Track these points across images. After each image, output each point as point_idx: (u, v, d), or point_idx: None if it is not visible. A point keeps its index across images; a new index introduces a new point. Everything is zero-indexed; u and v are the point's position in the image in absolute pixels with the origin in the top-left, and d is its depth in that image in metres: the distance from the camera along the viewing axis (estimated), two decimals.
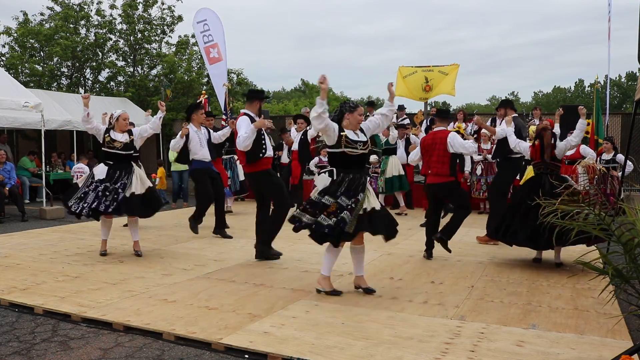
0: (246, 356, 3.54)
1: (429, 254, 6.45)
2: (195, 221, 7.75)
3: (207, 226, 8.91)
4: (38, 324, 4.18)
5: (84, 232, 8.50)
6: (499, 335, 3.81)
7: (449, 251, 6.39)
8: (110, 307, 4.44)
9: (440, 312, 4.35)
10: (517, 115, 7.44)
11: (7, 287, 5.07)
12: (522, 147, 6.47)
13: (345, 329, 3.92)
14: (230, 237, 7.83)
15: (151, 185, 6.62)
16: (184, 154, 7.73)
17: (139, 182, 6.32)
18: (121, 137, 6.42)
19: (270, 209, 6.40)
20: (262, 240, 6.31)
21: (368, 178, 4.87)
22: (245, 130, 5.90)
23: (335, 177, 4.68)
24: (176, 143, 7.54)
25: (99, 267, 5.94)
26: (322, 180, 4.73)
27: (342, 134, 4.73)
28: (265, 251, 6.29)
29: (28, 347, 3.69)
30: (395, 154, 10.52)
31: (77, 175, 11.17)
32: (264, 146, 6.13)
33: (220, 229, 8.01)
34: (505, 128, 6.62)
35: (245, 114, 6.18)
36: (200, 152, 7.73)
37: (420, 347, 3.58)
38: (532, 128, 8.75)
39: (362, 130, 4.90)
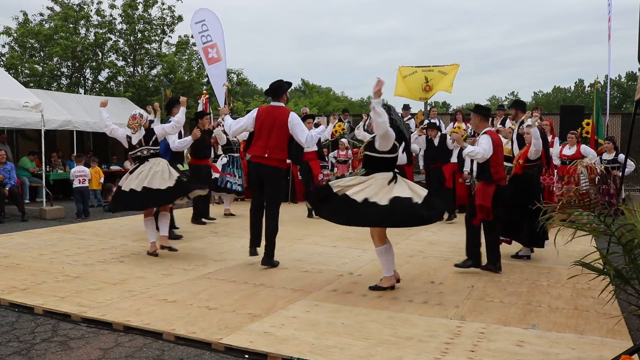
0: (246, 356, 3.54)
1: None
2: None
3: (207, 226, 8.92)
4: (38, 324, 4.18)
5: (84, 232, 8.50)
6: (499, 335, 3.81)
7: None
8: (110, 307, 4.44)
9: (440, 312, 4.35)
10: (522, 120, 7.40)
11: (7, 287, 5.07)
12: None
13: (345, 329, 3.92)
14: (180, 237, 7.69)
15: None
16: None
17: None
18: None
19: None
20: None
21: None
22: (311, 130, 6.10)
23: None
24: (185, 145, 7.56)
25: (99, 267, 5.94)
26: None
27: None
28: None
29: (28, 347, 3.69)
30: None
31: (78, 179, 10.51)
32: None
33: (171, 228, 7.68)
34: (533, 132, 6.35)
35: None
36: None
37: (420, 347, 3.58)
38: (512, 127, 8.58)
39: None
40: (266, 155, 5.77)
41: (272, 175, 5.85)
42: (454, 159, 10.28)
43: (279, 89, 6.01)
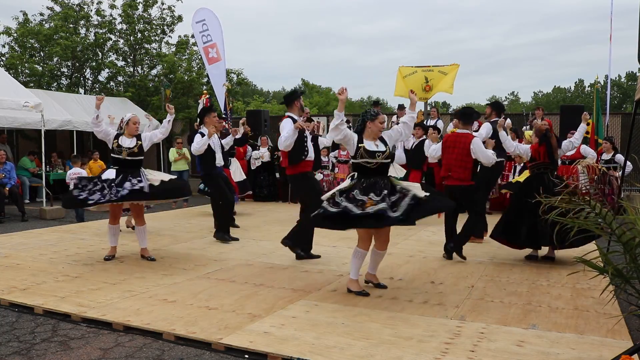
0: (246, 356, 3.54)
1: (449, 255, 6.42)
2: (224, 233, 7.58)
3: (207, 226, 8.91)
4: (38, 324, 4.18)
5: (84, 232, 8.49)
6: (499, 335, 3.81)
7: (464, 258, 6.28)
8: (110, 307, 4.44)
9: (440, 312, 4.35)
10: (495, 120, 7.44)
11: (7, 287, 5.07)
12: (522, 149, 6.47)
13: (345, 329, 3.92)
14: (237, 239, 7.64)
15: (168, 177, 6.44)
16: (210, 160, 7.58)
17: (151, 176, 6.21)
18: (129, 143, 6.19)
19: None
20: (300, 244, 6.36)
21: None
22: (287, 131, 5.96)
23: (356, 181, 4.74)
24: (201, 145, 7.22)
25: (99, 267, 5.94)
26: (344, 184, 4.84)
27: (360, 145, 4.77)
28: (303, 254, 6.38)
29: (28, 347, 3.69)
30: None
31: (73, 182, 10.35)
32: (306, 149, 6.14)
33: (226, 233, 7.73)
34: (501, 134, 6.54)
35: (288, 116, 6.17)
36: (216, 156, 7.70)
37: (420, 347, 3.58)
38: (528, 132, 8.90)
39: (382, 140, 4.91)
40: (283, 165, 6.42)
41: (290, 182, 6.64)
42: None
43: (288, 97, 6.38)
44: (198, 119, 7.92)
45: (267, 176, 13.21)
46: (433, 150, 6.93)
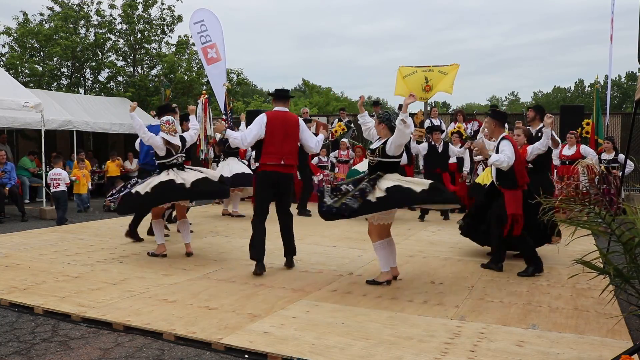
0: (246, 356, 3.54)
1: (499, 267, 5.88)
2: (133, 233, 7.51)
3: (207, 226, 8.92)
4: (38, 324, 4.18)
5: (84, 232, 8.49)
6: (499, 335, 3.81)
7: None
8: (110, 307, 4.44)
9: (440, 312, 4.35)
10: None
11: (7, 287, 5.06)
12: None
13: (345, 329, 3.92)
14: (142, 240, 7.50)
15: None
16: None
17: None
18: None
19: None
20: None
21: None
22: (320, 137, 6.02)
23: None
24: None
25: (99, 267, 5.94)
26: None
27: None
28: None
29: (28, 347, 3.69)
30: None
31: (53, 183, 9.70)
32: None
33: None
34: (546, 132, 6.39)
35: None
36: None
37: (420, 347, 3.58)
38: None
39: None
40: (282, 162, 5.62)
41: (288, 182, 5.76)
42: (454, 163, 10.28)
43: (287, 95, 6.00)
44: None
45: None
46: (508, 157, 5.45)
